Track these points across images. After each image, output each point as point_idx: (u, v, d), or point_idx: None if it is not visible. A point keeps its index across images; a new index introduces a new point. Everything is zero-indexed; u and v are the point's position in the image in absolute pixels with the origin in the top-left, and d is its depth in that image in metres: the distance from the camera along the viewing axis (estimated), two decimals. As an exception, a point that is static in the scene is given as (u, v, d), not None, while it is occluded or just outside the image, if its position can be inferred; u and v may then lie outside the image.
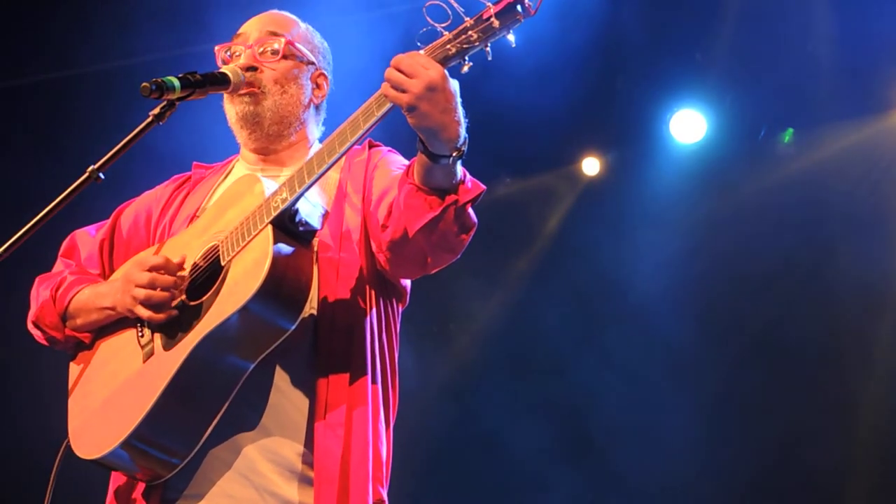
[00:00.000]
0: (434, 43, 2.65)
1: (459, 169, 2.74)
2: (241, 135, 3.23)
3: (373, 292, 3.03)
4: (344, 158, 3.19)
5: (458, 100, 2.66)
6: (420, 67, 2.61)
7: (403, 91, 2.61)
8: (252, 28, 3.25)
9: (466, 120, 2.69)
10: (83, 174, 2.90)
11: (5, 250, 2.85)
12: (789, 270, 7.06)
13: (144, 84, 2.91)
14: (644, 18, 6.77)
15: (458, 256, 2.88)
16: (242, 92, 3.16)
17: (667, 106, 7.13)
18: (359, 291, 3.00)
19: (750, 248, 7.07)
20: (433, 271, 2.95)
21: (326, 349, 2.94)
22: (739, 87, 6.99)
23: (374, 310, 3.02)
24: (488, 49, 2.63)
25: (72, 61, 6.53)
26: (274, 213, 2.80)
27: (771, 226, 7.01)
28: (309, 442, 2.91)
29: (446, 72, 2.63)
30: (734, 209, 7.14)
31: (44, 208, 2.89)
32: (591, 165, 7.55)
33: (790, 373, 7.04)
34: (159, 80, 2.93)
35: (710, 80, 6.99)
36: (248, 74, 3.15)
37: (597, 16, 6.53)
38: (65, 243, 3.36)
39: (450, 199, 2.72)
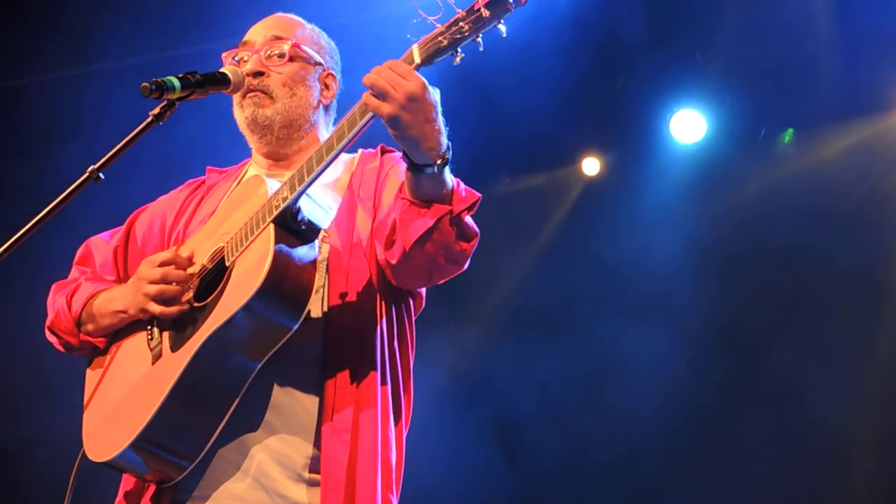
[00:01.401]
0: (426, 36, 2.65)
1: (450, 178, 2.74)
2: (251, 139, 3.24)
3: (383, 298, 3.01)
4: (356, 162, 3.21)
5: (439, 109, 2.67)
6: (400, 79, 2.62)
7: (385, 101, 2.62)
8: (257, 34, 3.25)
9: (447, 128, 2.70)
10: (83, 174, 2.89)
11: (5, 250, 2.84)
12: (789, 271, 7.05)
13: (144, 84, 2.90)
14: (644, 18, 6.78)
15: (465, 267, 2.86)
16: (250, 96, 3.16)
17: (667, 106, 7.14)
18: (368, 297, 2.99)
19: (749, 248, 7.07)
20: (440, 282, 2.94)
21: (335, 354, 2.93)
22: (739, 87, 6.99)
23: (384, 316, 3.01)
24: (480, 40, 2.63)
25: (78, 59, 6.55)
26: (275, 212, 2.80)
27: (771, 226, 7.01)
28: (317, 446, 2.91)
29: (426, 82, 2.64)
30: (734, 209, 7.14)
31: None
32: (591, 165, 7.56)
33: (785, 376, 7.04)
34: (159, 79, 2.92)
35: (710, 80, 6.99)
36: (255, 80, 3.16)
37: (597, 16, 6.53)
38: (80, 251, 3.37)
39: (443, 209, 2.73)
